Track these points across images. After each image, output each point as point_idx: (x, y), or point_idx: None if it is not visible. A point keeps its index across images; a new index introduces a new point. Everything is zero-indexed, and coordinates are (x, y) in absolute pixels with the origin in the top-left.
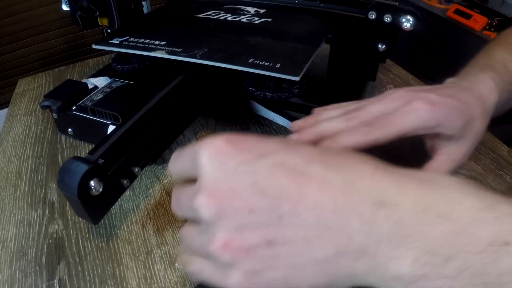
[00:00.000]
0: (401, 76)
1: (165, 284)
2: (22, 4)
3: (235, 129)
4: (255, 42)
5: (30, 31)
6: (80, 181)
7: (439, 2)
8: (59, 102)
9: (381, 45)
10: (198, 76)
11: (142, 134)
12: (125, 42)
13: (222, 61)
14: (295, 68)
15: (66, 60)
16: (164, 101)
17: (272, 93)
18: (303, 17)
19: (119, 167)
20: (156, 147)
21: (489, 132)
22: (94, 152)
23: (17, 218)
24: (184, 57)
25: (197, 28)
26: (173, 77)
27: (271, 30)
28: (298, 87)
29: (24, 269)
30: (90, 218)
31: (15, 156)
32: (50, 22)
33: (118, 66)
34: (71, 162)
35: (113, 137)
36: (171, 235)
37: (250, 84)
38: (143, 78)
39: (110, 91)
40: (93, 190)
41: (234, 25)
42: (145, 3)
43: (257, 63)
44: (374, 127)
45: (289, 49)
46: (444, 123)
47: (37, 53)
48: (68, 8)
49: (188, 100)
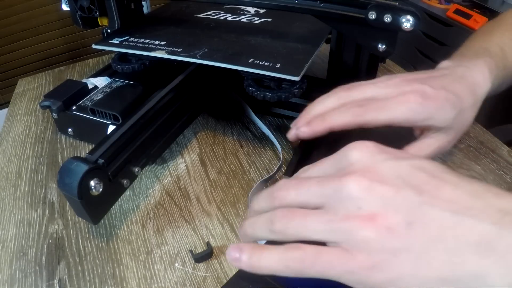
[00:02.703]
0: None
1: (165, 284)
2: (22, 4)
3: (235, 129)
4: (255, 42)
5: (30, 31)
6: (80, 181)
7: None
8: (59, 102)
9: (381, 45)
10: (198, 76)
11: (142, 134)
12: (125, 42)
13: (222, 61)
14: (295, 68)
15: (66, 60)
16: (164, 101)
17: (272, 93)
18: (303, 17)
19: (119, 167)
20: (156, 147)
21: (489, 132)
22: (94, 152)
23: (17, 218)
24: (184, 57)
25: (197, 28)
26: (173, 77)
27: (271, 30)
28: (298, 87)
29: (24, 269)
30: (90, 218)
31: (15, 156)
32: (50, 22)
33: (118, 66)
34: (71, 162)
35: (113, 137)
36: (171, 235)
37: (250, 84)
38: (143, 78)
39: (110, 91)
40: (93, 190)
41: (234, 25)
42: (145, 3)
43: (257, 63)
44: (365, 109)
45: (289, 49)
46: (435, 117)
47: (37, 53)
48: (68, 8)
49: (188, 100)
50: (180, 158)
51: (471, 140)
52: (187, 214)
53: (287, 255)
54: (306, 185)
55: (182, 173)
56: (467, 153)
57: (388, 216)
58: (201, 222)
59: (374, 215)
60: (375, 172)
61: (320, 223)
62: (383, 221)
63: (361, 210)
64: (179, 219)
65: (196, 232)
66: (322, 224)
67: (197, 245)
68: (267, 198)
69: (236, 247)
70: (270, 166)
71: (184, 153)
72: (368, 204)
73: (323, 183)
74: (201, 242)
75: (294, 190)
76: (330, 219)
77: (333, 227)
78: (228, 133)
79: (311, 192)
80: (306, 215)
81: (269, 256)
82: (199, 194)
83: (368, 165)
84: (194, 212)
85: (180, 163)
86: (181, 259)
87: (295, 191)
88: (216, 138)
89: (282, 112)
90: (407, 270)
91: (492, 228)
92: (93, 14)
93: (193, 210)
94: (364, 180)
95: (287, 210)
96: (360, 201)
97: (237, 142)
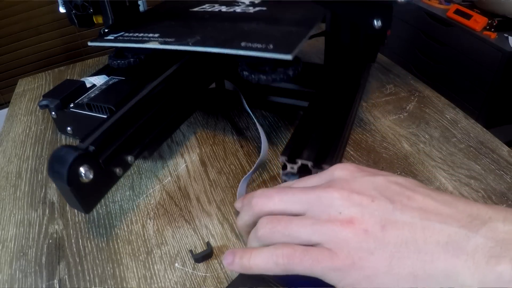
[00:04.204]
0: (401, 76)
1: (165, 284)
2: (22, 4)
3: (235, 129)
4: (249, 28)
5: (30, 31)
6: (69, 167)
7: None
8: (57, 100)
9: (376, 22)
10: (192, 66)
11: (135, 122)
12: (120, 37)
13: (214, 46)
14: (287, 47)
15: (66, 60)
16: (157, 89)
17: (267, 75)
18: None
19: (111, 155)
20: (151, 137)
21: (489, 132)
22: (85, 139)
23: (17, 218)
24: (176, 45)
25: (191, 20)
26: (168, 68)
27: (265, 17)
28: (293, 68)
29: (24, 269)
30: (82, 207)
31: (15, 156)
32: (50, 22)
33: (113, 62)
34: (60, 149)
35: (105, 125)
36: (171, 235)
37: (244, 68)
38: (140, 73)
39: (106, 87)
40: (83, 177)
41: (228, 15)
42: (141, 2)
43: (250, 46)
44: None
45: (282, 32)
46: None
47: (37, 53)
48: (65, 10)
49: (183, 90)
50: (180, 158)
51: (471, 140)
52: (187, 214)
53: (277, 252)
54: (290, 192)
55: (182, 173)
56: (467, 153)
57: (364, 220)
58: (201, 222)
59: (352, 218)
60: (354, 185)
61: (305, 226)
62: (360, 224)
63: (342, 215)
64: (179, 219)
65: (196, 232)
66: (307, 227)
67: (197, 245)
68: (247, 206)
69: (230, 252)
70: (270, 166)
71: (184, 153)
72: (348, 210)
73: (308, 191)
74: (201, 242)
75: (278, 196)
76: (314, 222)
77: (317, 229)
78: (228, 133)
79: (295, 198)
80: (290, 219)
81: (259, 256)
82: (199, 194)
83: (349, 179)
84: (194, 212)
85: (180, 163)
86: (181, 259)
87: (279, 197)
88: (216, 138)
89: (279, 100)
90: (382, 268)
91: (460, 230)
92: (87, 11)
93: (193, 210)
94: (345, 191)
95: (272, 217)
96: (340, 207)
97: (237, 142)
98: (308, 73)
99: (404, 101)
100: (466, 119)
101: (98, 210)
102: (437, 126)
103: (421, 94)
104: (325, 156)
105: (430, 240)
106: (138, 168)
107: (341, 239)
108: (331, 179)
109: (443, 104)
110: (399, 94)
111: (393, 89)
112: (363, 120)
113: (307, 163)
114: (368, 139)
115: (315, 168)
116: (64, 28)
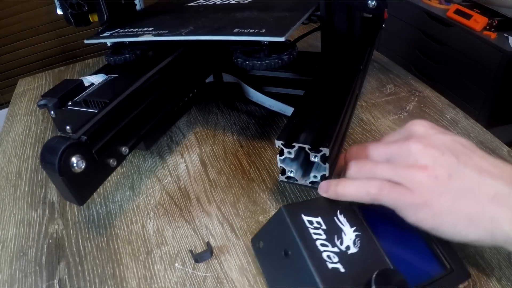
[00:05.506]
0: (401, 76)
1: (165, 284)
2: (22, 4)
3: (235, 129)
4: (242, 16)
5: (30, 31)
6: (60, 156)
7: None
8: (55, 99)
9: (371, 1)
10: (187, 57)
11: (129, 113)
12: (115, 33)
13: (207, 34)
14: (280, 30)
15: (66, 60)
16: (151, 80)
17: (261, 61)
18: None
19: (104, 145)
20: (146, 128)
21: (489, 132)
22: (78, 130)
23: (17, 218)
24: (170, 36)
25: (185, 13)
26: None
27: (259, 6)
28: (287, 53)
29: (24, 269)
30: (75, 198)
31: (15, 156)
32: (50, 22)
33: (110, 59)
34: (52, 139)
35: (98, 115)
36: (171, 235)
37: (238, 56)
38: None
39: (103, 84)
40: (75, 167)
41: (223, 7)
42: (138, 1)
43: (242, 31)
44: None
45: (276, 18)
46: None
47: (37, 53)
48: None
49: (178, 82)
50: (180, 158)
51: (471, 140)
52: (187, 214)
53: (370, 183)
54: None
55: (182, 173)
56: None
57: (436, 169)
58: (201, 222)
59: (426, 166)
60: (428, 140)
61: (388, 169)
62: (433, 171)
63: (418, 162)
64: (179, 219)
65: (196, 232)
66: (389, 169)
67: (197, 245)
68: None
69: (325, 181)
70: (270, 166)
71: (184, 153)
72: (423, 159)
73: (390, 145)
74: (201, 242)
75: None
76: (396, 166)
77: (398, 172)
78: (228, 133)
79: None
80: (376, 163)
81: (352, 185)
82: (199, 194)
83: (424, 135)
84: (194, 212)
85: (180, 163)
86: (181, 259)
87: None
88: (216, 138)
89: (275, 90)
90: (446, 207)
91: (505, 187)
92: (82, 9)
93: (193, 210)
94: (421, 144)
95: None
96: (417, 157)
97: (237, 142)
98: (306, 61)
99: (404, 101)
100: (466, 119)
101: (98, 210)
102: None
103: (421, 94)
104: (322, 139)
105: (482, 191)
106: (138, 168)
107: (417, 181)
108: (409, 133)
109: (443, 104)
110: (399, 94)
111: (393, 89)
112: (363, 120)
113: (305, 146)
114: (368, 139)
115: (312, 152)
116: (64, 28)
